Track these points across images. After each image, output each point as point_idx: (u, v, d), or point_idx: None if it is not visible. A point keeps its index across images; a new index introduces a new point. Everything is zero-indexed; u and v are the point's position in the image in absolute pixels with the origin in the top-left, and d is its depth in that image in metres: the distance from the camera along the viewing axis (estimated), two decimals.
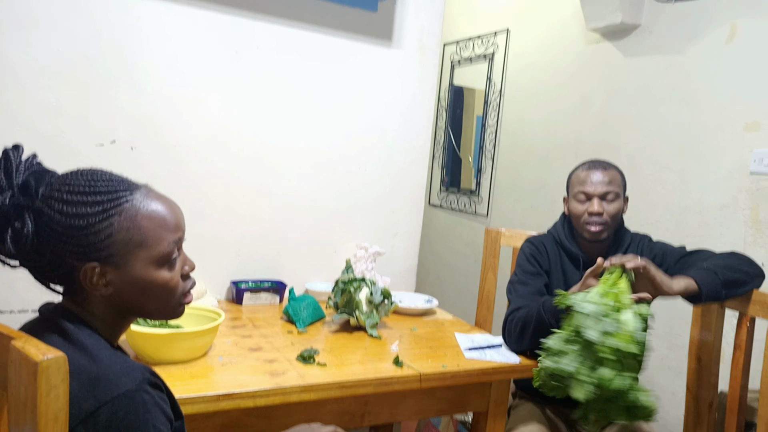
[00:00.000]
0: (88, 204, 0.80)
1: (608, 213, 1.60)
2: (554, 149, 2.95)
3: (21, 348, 0.67)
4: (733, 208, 2.09)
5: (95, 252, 0.80)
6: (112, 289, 0.83)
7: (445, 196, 3.86)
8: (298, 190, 2.01)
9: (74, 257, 0.80)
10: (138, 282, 0.84)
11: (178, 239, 0.88)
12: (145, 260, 0.84)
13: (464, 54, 3.71)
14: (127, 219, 0.82)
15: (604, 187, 1.60)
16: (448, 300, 3.54)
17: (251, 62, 1.87)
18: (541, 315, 1.49)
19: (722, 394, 1.65)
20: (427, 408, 1.47)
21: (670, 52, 2.34)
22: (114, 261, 0.82)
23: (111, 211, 0.81)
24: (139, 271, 0.83)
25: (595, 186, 1.60)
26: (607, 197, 1.60)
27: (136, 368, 0.79)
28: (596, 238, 1.62)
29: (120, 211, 0.81)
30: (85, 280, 0.81)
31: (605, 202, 1.60)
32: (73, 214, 0.79)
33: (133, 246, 0.82)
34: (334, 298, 1.69)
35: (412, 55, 2.15)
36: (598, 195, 1.60)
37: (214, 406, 1.15)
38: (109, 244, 0.80)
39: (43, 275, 0.84)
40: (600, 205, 1.59)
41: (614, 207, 1.60)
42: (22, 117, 1.58)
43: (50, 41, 1.59)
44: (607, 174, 1.61)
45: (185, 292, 0.91)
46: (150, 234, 0.83)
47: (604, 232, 1.61)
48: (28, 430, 0.66)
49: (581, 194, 1.62)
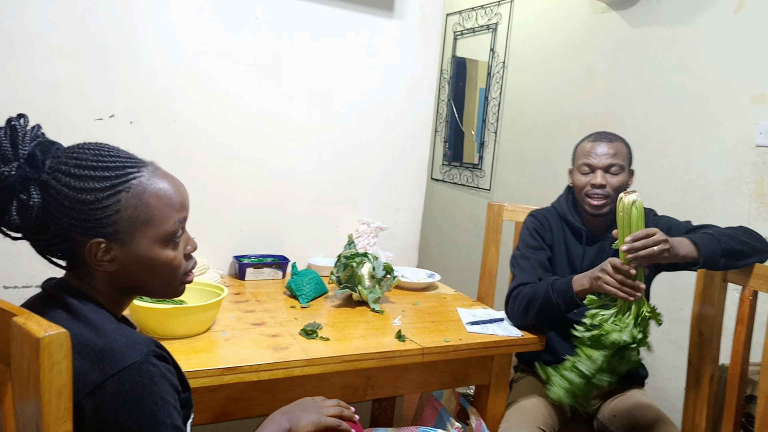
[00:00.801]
0: (96, 179, 0.79)
1: (611, 186, 1.58)
2: (558, 122, 2.92)
3: (23, 324, 0.67)
4: (737, 182, 2.07)
5: (101, 228, 0.80)
6: (116, 265, 0.83)
7: (447, 170, 3.84)
8: (299, 165, 1.99)
9: (80, 232, 0.80)
10: (142, 260, 0.84)
11: (183, 218, 0.88)
12: (150, 238, 0.84)
13: (467, 24, 3.64)
14: (134, 196, 0.81)
15: (608, 159, 1.58)
16: (451, 275, 3.55)
17: (250, 34, 1.84)
18: (549, 295, 1.49)
19: (723, 367, 1.66)
20: (430, 381, 1.49)
21: (677, 22, 2.30)
22: (119, 238, 0.81)
23: (119, 188, 0.80)
24: (144, 249, 0.83)
25: (600, 158, 1.58)
26: (611, 170, 1.58)
27: (141, 340, 0.79)
28: (598, 212, 1.60)
29: (128, 188, 0.81)
30: (90, 256, 0.81)
31: (609, 174, 1.58)
32: (80, 188, 0.78)
33: (139, 223, 0.82)
34: (337, 273, 1.69)
35: (414, 25, 2.11)
36: (602, 167, 1.58)
37: (218, 380, 1.16)
38: (115, 221, 0.80)
39: (47, 249, 0.83)
40: (603, 177, 1.58)
41: (618, 180, 1.58)
42: (20, 90, 1.55)
43: (46, 12, 1.56)
44: (612, 146, 1.59)
45: (187, 271, 0.92)
46: (156, 212, 0.83)
47: (606, 206, 1.59)
48: (32, 405, 0.66)
49: (585, 166, 1.61)
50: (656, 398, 2.22)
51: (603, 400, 1.67)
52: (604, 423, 1.62)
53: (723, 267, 1.42)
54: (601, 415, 1.65)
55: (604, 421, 1.62)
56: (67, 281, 0.85)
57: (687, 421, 1.56)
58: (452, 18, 3.76)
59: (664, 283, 1.76)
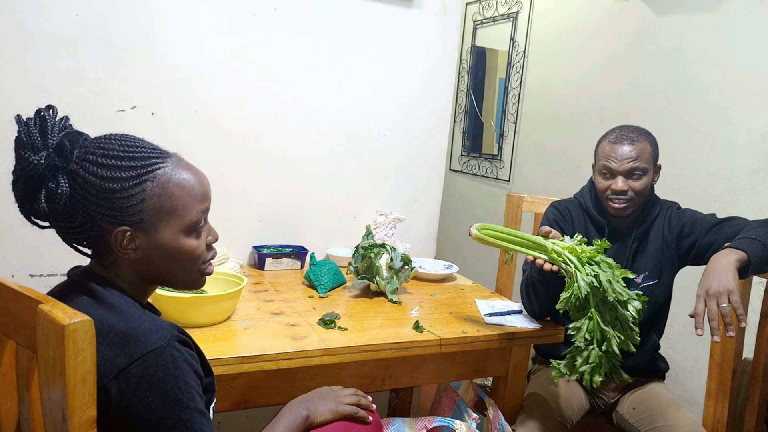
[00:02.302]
0: (122, 168, 0.81)
1: (633, 190, 1.52)
2: (579, 113, 2.88)
3: (48, 312, 0.68)
4: (763, 173, 2.02)
5: (127, 216, 0.82)
6: (141, 254, 0.85)
7: (466, 161, 3.82)
8: (317, 156, 2.00)
9: (106, 220, 0.82)
10: (166, 248, 0.86)
11: (206, 209, 0.90)
12: (175, 227, 0.86)
13: (487, 13, 3.61)
14: (159, 186, 0.84)
15: (630, 164, 1.50)
16: (468, 266, 3.54)
17: (269, 26, 1.84)
18: (531, 272, 1.48)
19: (746, 362, 1.63)
20: (447, 372, 1.49)
21: (702, 10, 2.25)
22: (144, 227, 0.84)
23: (144, 177, 0.83)
24: (168, 238, 0.86)
25: (621, 162, 1.50)
26: (633, 174, 1.51)
27: (165, 326, 0.81)
28: (619, 215, 1.57)
29: (153, 178, 0.83)
30: (116, 244, 0.83)
31: (631, 179, 1.51)
32: (107, 177, 0.80)
33: (163, 213, 0.84)
34: (355, 264, 1.70)
35: (433, 15, 2.10)
36: (623, 172, 1.51)
37: (238, 369, 1.17)
38: (140, 209, 0.82)
39: (73, 237, 0.85)
40: (625, 182, 1.51)
41: (641, 184, 1.51)
42: (42, 83, 1.58)
43: (69, 6, 1.58)
44: (635, 148, 1.50)
45: (207, 260, 0.93)
46: (180, 202, 0.86)
47: (629, 209, 1.54)
48: (58, 390, 0.68)
49: (605, 169, 1.54)
50: (677, 392, 2.20)
51: (622, 393, 1.66)
52: (624, 416, 1.60)
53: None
54: (620, 407, 1.63)
55: (623, 414, 1.61)
56: (92, 269, 0.87)
57: (708, 415, 1.54)
58: (472, 7, 3.73)
59: (688, 276, 1.73)
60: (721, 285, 1.26)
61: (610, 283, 1.27)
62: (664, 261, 1.60)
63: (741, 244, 1.35)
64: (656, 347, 1.67)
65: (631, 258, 1.61)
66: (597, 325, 1.28)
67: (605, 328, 1.27)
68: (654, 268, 1.60)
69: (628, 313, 1.29)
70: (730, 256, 1.31)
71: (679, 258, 1.61)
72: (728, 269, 1.28)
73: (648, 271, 1.60)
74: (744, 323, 1.26)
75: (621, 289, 1.28)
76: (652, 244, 1.60)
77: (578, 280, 1.27)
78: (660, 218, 1.61)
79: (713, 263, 1.32)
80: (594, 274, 1.28)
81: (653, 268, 1.60)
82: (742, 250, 1.32)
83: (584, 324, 1.29)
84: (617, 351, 1.28)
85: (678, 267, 1.63)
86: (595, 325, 1.28)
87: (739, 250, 1.33)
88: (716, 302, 1.25)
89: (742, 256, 1.31)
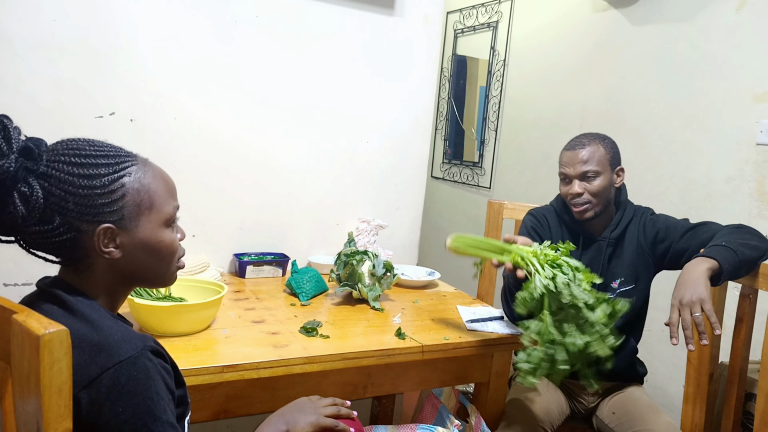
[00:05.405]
0: (99, 166, 0.82)
1: (589, 191, 1.56)
2: (559, 121, 2.91)
3: (23, 322, 0.67)
4: (738, 180, 2.07)
5: (108, 214, 0.82)
6: (122, 252, 0.84)
7: (447, 169, 3.84)
8: (299, 163, 1.99)
9: (86, 219, 0.81)
10: (147, 243, 0.86)
11: (178, 205, 0.92)
12: (154, 222, 0.87)
13: (467, 23, 3.64)
14: (136, 180, 0.85)
15: (581, 167, 1.55)
16: (450, 273, 3.54)
17: (251, 31, 1.84)
18: (508, 279, 1.50)
19: (722, 366, 1.66)
20: (429, 379, 1.49)
21: (679, 20, 2.29)
22: (124, 223, 0.84)
23: (121, 173, 0.83)
24: (149, 233, 0.86)
25: (573, 167, 1.57)
26: (587, 176, 1.56)
27: (137, 336, 0.80)
28: (582, 218, 1.60)
29: (128, 173, 0.84)
30: (98, 243, 0.82)
31: (586, 181, 1.56)
32: (86, 175, 0.80)
33: (143, 207, 0.85)
34: (337, 271, 1.70)
35: (415, 23, 2.11)
36: (576, 176, 1.56)
37: (218, 378, 1.16)
38: (121, 206, 0.83)
39: (46, 243, 0.82)
40: (580, 185, 1.56)
41: (597, 184, 1.56)
42: (21, 89, 1.55)
43: (47, 11, 1.56)
44: (585, 151, 1.56)
45: (180, 256, 0.94)
46: (157, 196, 0.87)
47: (589, 211, 1.58)
48: (33, 402, 0.66)
49: (562, 176, 1.61)
50: (656, 397, 2.23)
51: (602, 398, 1.68)
52: (604, 420, 1.62)
53: (741, 276, 1.41)
54: (600, 412, 1.65)
55: (603, 419, 1.62)
56: (62, 278, 0.86)
57: (687, 419, 1.56)
58: (453, 16, 3.76)
59: (665, 281, 1.76)
60: (693, 294, 1.28)
61: (568, 285, 1.25)
62: (639, 266, 1.62)
63: (712, 252, 1.37)
64: (634, 352, 1.69)
65: (606, 263, 1.64)
66: (547, 327, 1.26)
67: (552, 330, 1.25)
68: (630, 273, 1.62)
69: (591, 315, 1.25)
70: (702, 265, 1.34)
71: (655, 263, 1.63)
72: (700, 278, 1.31)
73: (624, 276, 1.63)
74: (718, 330, 1.28)
75: (581, 292, 1.25)
76: (628, 250, 1.63)
77: (535, 281, 1.27)
78: (634, 223, 1.64)
79: (686, 273, 1.34)
80: (552, 276, 1.27)
81: (629, 273, 1.62)
82: (714, 259, 1.35)
83: (531, 323, 1.28)
84: (566, 356, 1.24)
85: (654, 272, 1.65)
86: (545, 327, 1.26)
87: (710, 259, 1.35)
88: (690, 311, 1.28)
89: (714, 264, 1.34)
